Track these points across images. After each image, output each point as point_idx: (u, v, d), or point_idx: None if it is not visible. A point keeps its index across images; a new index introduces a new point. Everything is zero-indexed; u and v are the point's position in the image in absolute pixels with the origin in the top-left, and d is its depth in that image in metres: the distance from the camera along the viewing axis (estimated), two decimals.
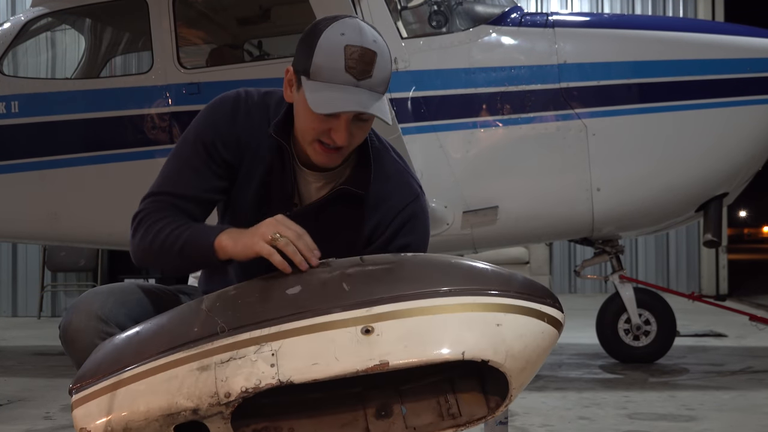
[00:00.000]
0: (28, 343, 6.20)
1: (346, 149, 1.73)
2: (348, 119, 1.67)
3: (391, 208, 1.82)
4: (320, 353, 1.47)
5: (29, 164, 4.74)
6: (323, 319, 1.50)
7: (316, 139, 1.70)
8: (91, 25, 5.46)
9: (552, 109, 4.46)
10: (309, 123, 1.70)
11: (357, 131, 1.70)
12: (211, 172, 1.78)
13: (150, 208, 1.76)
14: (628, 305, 4.82)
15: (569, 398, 3.83)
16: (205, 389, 1.46)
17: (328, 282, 1.58)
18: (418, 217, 1.85)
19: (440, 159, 4.41)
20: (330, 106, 1.64)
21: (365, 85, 1.64)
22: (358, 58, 1.63)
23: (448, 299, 1.52)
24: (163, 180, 1.80)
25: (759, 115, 4.46)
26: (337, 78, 1.64)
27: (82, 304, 1.69)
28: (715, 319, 6.78)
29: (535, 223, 4.58)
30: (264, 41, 5.23)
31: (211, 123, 1.80)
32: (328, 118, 1.67)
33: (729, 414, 3.50)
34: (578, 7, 10.15)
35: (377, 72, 1.66)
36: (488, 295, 1.54)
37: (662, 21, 7.12)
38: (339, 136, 1.67)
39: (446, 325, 1.50)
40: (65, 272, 8.30)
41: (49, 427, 3.32)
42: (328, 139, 1.69)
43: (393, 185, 1.84)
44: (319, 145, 1.71)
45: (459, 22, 4.68)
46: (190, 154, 1.79)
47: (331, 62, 1.64)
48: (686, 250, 9.99)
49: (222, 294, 1.61)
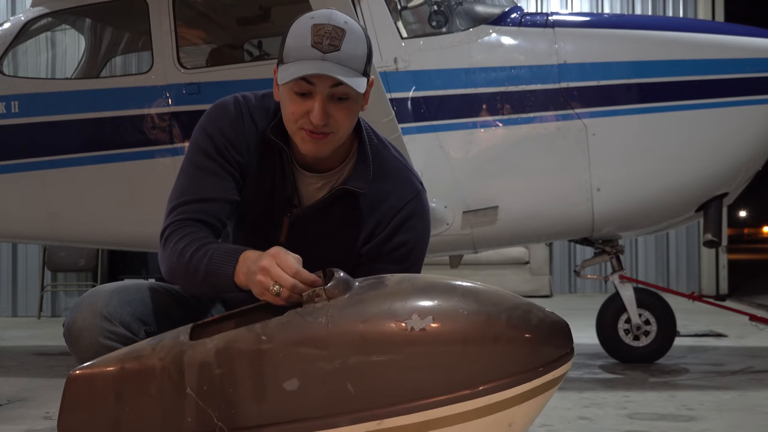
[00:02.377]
0: (28, 343, 6.20)
1: (333, 136, 1.72)
2: (321, 98, 1.67)
3: (391, 206, 1.82)
4: None
5: (29, 164, 4.74)
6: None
7: (300, 127, 1.70)
8: (91, 25, 5.46)
9: (552, 109, 4.46)
10: (288, 109, 1.70)
11: (336, 112, 1.69)
12: (229, 174, 1.78)
13: (176, 223, 1.75)
14: (628, 305, 4.82)
15: (569, 398, 3.83)
16: None
17: (328, 377, 1.42)
18: (418, 215, 1.84)
19: (440, 159, 4.41)
20: (290, 75, 1.65)
21: (332, 57, 1.64)
22: (324, 34, 1.65)
23: (463, 405, 1.41)
24: (185, 189, 1.78)
25: (759, 115, 4.46)
26: (304, 54, 1.65)
27: (87, 302, 1.69)
28: (715, 319, 6.78)
29: (535, 223, 4.58)
30: (264, 41, 5.23)
31: (218, 128, 1.79)
32: (304, 99, 1.68)
33: (729, 414, 3.50)
34: (578, 7, 10.15)
35: (346, 47, 1.66)
36: (504, 389, 1.44)
37: (662, 21, 7.12)
38: (315, 115, 1.67)
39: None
40: (65, 272, 8.29)
41: (49, 427, 3.32)
42: (309, 124, 1.69)
43: (393, 183, 1.84)
44: (305, 133, 1.71)
45: (459, 22, 4.68)
46: (205, 161, 1.78)
47: (298, 42, 1.66)
48: (686, 250, 9.98)
49: (205, 368, 1.45)
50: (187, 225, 1.73)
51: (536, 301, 1.62)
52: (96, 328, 1.64)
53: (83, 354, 1.65)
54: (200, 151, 1.79)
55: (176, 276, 1.72)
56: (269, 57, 5.05)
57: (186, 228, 1.73)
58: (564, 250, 10.13)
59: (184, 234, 1.72)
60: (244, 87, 1.89)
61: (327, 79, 1.66)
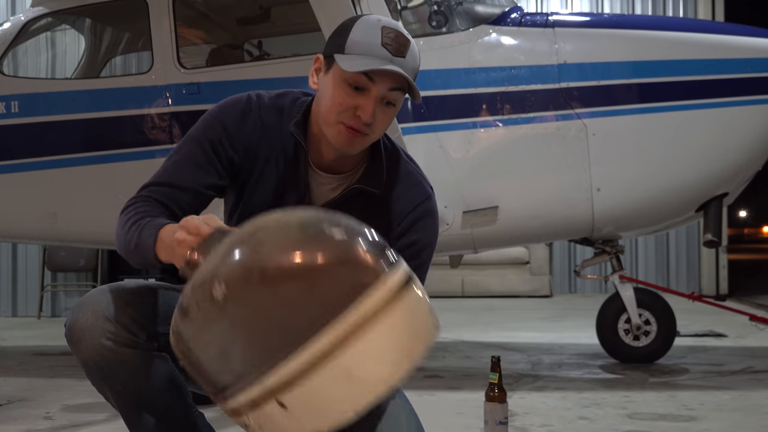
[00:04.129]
0: (28, 343, 6.20)
1: (367, 138, 1.72)
2: (377, 95, 1.68)
3: (403, 207, 1.83)
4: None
5: (29, 164, 4.74)
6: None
7: (340, 120, 1.70)
8: (91, 25, 5.46)
9: (552, 109, 4.46)
10: (336, 98, 1.70)
11: (381, 116, 1.70)
12: (213, 169, 1.77)
13: (137, 199, 1.75)
14: (628, 305, 4.82)
15: (569, 398, 3.83)
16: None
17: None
18: (429, 217, 1.85)
19: (440, 159, 4.41)
20: (364, 65, 1.66)
21: (399, 62, 1.68)
22: (394, 38, 1.69)
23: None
24: (162, 172, 1.79)
25: (759, 115, 4.46)
26: (373, 51, 1.67)
27: (88, 303, 1.68)
28: (715, 319, 6.78)
29: (535, 223, 4.58)
30: (264, 41, 5.23)
31: (219, 122, 1.79)
32: (357, 93, 1.68)
33: (729, 414, 3.50)
34: (578, 7, 10.16)
35: (410, 58, 1.71)
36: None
37: (662, 21, 7.12)
38: (365, 112, 1.67)
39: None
40: (65, 272, 8.30)
41: (49, 427, 3.32)
42: (353, 119, 1.69)
43: (405, 186, 1.85)
44: (343, 126, 1.70)
45: (459, 22, 4.68)
46: (194, 150, 1.78)
47: (367, 37, 1.68)
48: (686, 250, 9.99)
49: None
50: (146, 203, 1.73)
51: (536, 301, 1.62)
52: (98, 329, 1.63)
53: (85, 355, 1.65)
54: (193, 139, 1.79)
55: (118, 247, 1.72)
56: (269, 57, 5.05)
57: (142, 205, 1.73)
58: (564, 250, 10.13)
59: (137, 210, 1.72)
60: (244, 87, 1.89)
61: (388, 81, 1.68)
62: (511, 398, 2.93)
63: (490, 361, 2.40)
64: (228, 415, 1.38)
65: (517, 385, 4.11)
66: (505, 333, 6.35)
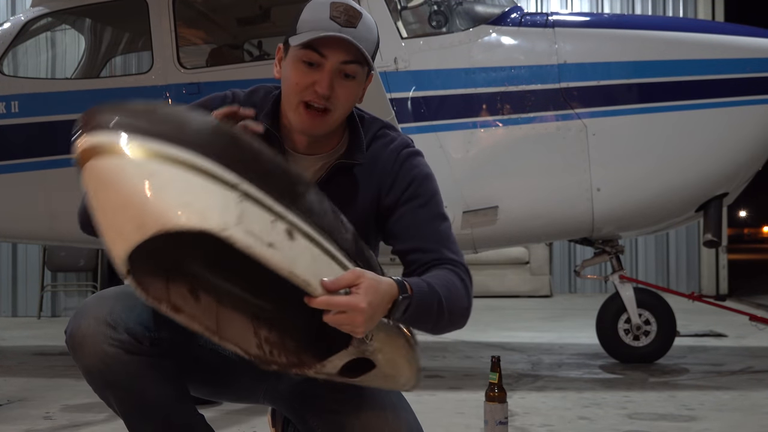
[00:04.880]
0: (28, 343, 6.20)
1: (331, 114, 1.71)
2: (331, 69, 1.67)
3: (387, 161, 1.81)
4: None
5: (29, 164, 4.74)
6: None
7: (301, 100, 1.70)
8: (91, 25, 5.46)
9: (552, 109, 4.46)
10: (293, 79, 1.70)
11: (340, 89, 1.69)
12: None
13: None
14: (628, 305, 4.82)
15: (569, 398, 3.83)
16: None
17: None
18: (414, 156, 1.83)
19: (440, 159, 4.41)
20: (307, 36, 1.66)
21: (348, 32, 1.66)
22: (343, 11, 1.66)
23: None
24: None
25: (759, 115, 4.46)
26: (321, 25, 1.66)
27: (89, 309, 1.66)
28: (715, 319, 6.78)
29: (535, 223, 4.58)
30: (264, 41, 5.23)
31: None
32: (311, 71, 1.68)
33: (729, 414, 3.50)
34: (578, 7, 10.15)
35: (362, 29, 1.67)
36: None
37: (662, 21, 7.12)
38: (321, 85, 1.67)
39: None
40: (65, 272, 8.29)
41: (49, 427, 3.32)
42: (312, 95, 1.68)
43: (383, 143, 1.84)
44: (303, 108, 1.70)
45: (459, 22, 4.68)
46: None
47: (316, 14, 1.68)
48: (686, 250, 9.99)
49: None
50: None
51: (536, 301, 1.62)
52: (100, 336, 1.62)
53: (87, 362, 1.63)
54: None
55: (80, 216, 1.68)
56: (269, 57, 5.05)
57: None
58: (564, 250, 10.13)
59: None
60: (244, 87, 1.89)
61: (340, 53, 1.67)
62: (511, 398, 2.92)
63: (490, 361, 2.40)
64: None
65: (517, 385, 4.11)
66: (505, 333, 6.35)
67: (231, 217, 1.33)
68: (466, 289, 1.72)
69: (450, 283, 1.69)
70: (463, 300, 1.71)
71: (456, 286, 1.70)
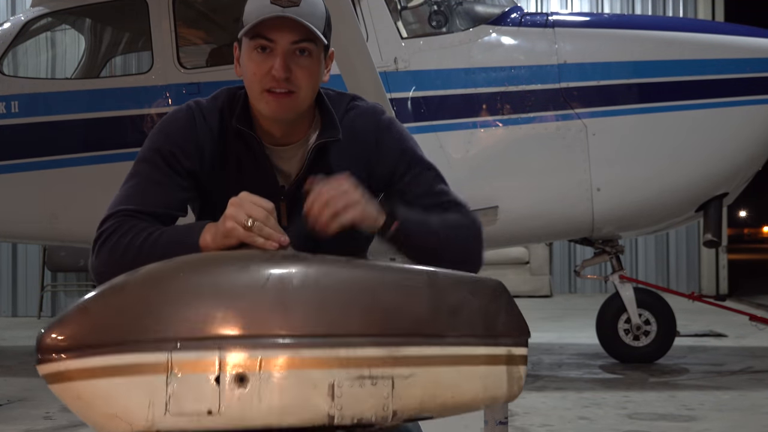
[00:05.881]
0: (28, 343, 6.20)
1: (295, 96, 1.70)
2: (283, 52, 1.67)
3: (365, 131, 1.80)
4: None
5: (29, 164, 4.74)
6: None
7: (263, 89, 1.70)
8: (91, 25, 5.46)
9: (552, 109, 4.46)
10: (250, 70, 1.69)
11: (297, 69, 1.68)
12: (175, 184, 1.71)
13: (114, 225, 1.66)
14: (628, 305, 4.81)
15: (569, 398, 3.83)
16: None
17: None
18: (392, 122, 1.83)
19: (440, 159, 4.39)
20: (251, 22, 1.66)
21: (292, 11, 1.65)
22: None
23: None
24: (124, 199, 1.71)
25: (759, 115, 4.46)
26: (264, 11, 1.66)
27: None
28: (715, 319, 6.78)
29: (535, 223, 4.58)
30: None
31: (165, 135, 1.75)
32: (265, 57, 1.67)
33: (729, 414, 3.50)
34: (578, 7, 10.15)
35: (305, 5, 1.66)
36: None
37: (662, 21, 7.12)
38: (276, 68, 1.66)
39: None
40: (65, 272, 8.30)
41: (49, 427, 3.32)
42: (272, 81, 1.67)
43: (356, 113, 1.83)
44: (267, 95, 1.69)
45: (459, 22, 4.68)
46: (149, 170, 1.72)
47: (258, 2, 1.68)
48: (686, 250, 9.99)
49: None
50: (129, 222, 1.65)
51: (536, 301, 1.63)
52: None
53: None
54: (145, 162, 1.74)
55: (121, 268, 1.56)
56: None
57: (129, 224, 1.65)
58: (564, 250, 10.13)
59: (130, 228, 1.64)
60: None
61: (286, 34, 1.66)
62: None
63: None
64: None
65: None
66: None
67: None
68: (469, 216, 1.73)
69: (448, 215, 1.71)
70: (467, 218, 1.72)
71: (455, 216, 1.71)
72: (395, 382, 1.36)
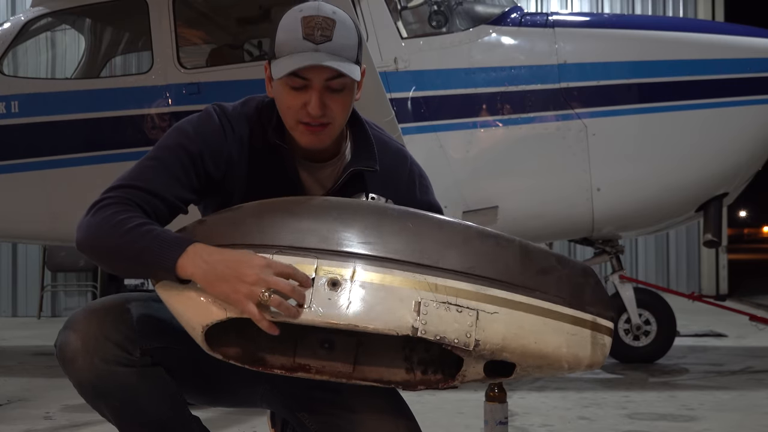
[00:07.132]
0: (28, 343, 6.20)
1: (331, 126, 1.71)
2: (318, 89, 1.66)
3: (401, 175, 1.87)
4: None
5: (29, 164, 4.74)
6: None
7: (298, 120, 1.70)
8: (91, 25, 5.46)
9: (552, 109, 4.46)
10: (285, 103, 1.69)
11: (332, 103, 1.68)
12: (188, 182, 1.71)
13: (118, 198, 1.66)
14: (628, 305, 4.82)
15: (569, 398, 3.83)
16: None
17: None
18: (422, 173, 1.93)
19: (440, 159, 4.41)
20: (288, 68, 1.64)
21: (325, 48, 1.64)
22: (315, 26, 1.65)
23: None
24: (136, 175, 1.71)
25: (759, 115, 4.46)
26: (297, 47, 1.65)
27: (79, 322, 1.64)
28: (715, 319, 6.78)
29: (535, 223, 4.58)
30: (264, 41, 5.23)
31: (200, 134, 1.74)
32: (300, 92, 1.67)
33: (729, 414, 3.50)
34: (578, 7, 10.14)
35: (338, 38, 1.66)
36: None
37: (662, 21, 7.12)
38: (312, 107, 1.66)
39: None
40: (65, 272, 8.30)
41: (49, 427, 3.32)
42: (306, 116, 1.68)
43: (391, 156, 1.87)
44: (303, 126, 1.70)
45: (459, 22, 4.68)
46: (171, 161, 1.71)
47: (289, 35, 1.66)
48: (686, 250, 9.98)
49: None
50: (131, 206, 1.65)
51: None
52: (91, 349, 1.60)
53: (78, 375, 1.62)
54: (169, 150, 1.73)
55: (99, 245, 1.62)
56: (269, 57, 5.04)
57: (130, 208, 1.64)
58: (564, 250, 10.12)
59: (127, 210, 1.63)
60: (244, 87, 1.89)
61: (322, 72, 1.65)
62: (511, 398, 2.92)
63: None
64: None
65: (517, 385, 4.11)
66: None
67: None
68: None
69: None
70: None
71: None
72: (480, 315, 1.48)
